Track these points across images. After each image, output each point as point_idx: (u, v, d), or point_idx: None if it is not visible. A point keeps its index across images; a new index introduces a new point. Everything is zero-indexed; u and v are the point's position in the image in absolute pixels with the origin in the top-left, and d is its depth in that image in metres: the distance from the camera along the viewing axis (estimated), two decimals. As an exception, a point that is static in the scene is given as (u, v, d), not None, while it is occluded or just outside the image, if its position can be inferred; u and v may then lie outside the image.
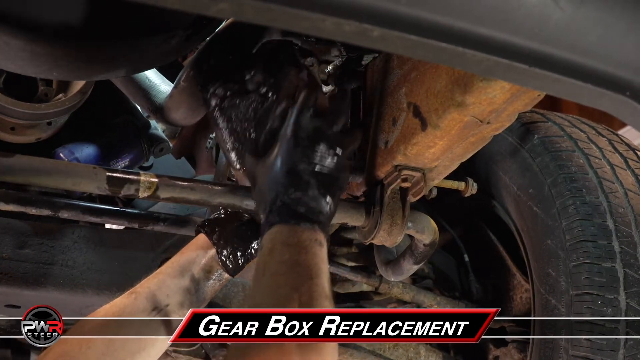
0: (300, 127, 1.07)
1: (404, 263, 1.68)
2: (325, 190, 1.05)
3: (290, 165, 1.05)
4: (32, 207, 1.52)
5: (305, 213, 1.01)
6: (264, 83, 1.33)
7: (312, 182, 1.04)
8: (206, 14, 0.72)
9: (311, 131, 1.08)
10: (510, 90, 1.14)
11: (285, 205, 1.01)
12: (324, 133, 1.09)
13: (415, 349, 2.13)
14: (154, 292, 1.19)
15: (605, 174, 1.70)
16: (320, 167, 1.06)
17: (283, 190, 1.03)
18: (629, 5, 0.80)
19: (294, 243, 0.97)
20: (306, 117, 1.09)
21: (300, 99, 1.10)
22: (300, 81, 1.23)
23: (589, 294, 1.54)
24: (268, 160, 1.10)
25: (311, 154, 1.06)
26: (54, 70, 1.28)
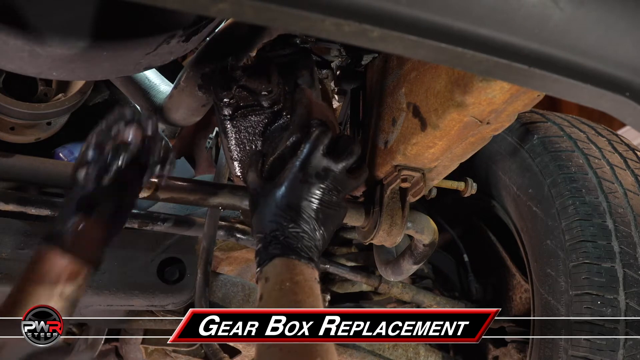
0: (310, 164, 1.10)
1: (403, 263, 1.68)
2: (325, 229, 1.10)
3: (294, 200, 1.08)
4: (31, 207, 1.52)
5: (305, 250, 1.06)
6: (279, 102, 1.34)
7: (313, 221, 1.08)
8: (206, 14, 0.72)
9: (321, 170, 1.11)
10: (510, 90, 1.14)
11: (287, 239, 1.06)
12: (332, 172, 1.12)
13: (415, 349, 2.13)
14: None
15: (604, 174, 1.70)
16: (323, 206, 1.10)
17: (285, 224, 1.07)
18: (629, 5, 0.80)
19: (301, 282, 1.02)
20: (317, 155, 1.11)
21: (314, 135, 1.13)
22: (316, 110, 1.24)
23: (589, 294, 1.54)
24: (273, 187, 1.12)
25: (316, 192, 1.10)
26: (53, 70, 1.28)
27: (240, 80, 1.33)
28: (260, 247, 1.08)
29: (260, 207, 1.12)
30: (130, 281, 1.75)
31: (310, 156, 1.11)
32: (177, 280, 1.79)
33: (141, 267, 1.76)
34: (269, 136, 1.32)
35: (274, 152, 1.17)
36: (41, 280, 1.11)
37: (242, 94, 1.34)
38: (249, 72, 1.35)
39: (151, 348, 2.26)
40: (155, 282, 1.77)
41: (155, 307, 1.83)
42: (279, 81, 1.35)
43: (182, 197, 1.38)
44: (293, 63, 1.41)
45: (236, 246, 2.00)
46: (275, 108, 1.33)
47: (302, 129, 1.15)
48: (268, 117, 1.35)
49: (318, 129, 1.13)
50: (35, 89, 1.86)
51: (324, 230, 1.10)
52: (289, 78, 1.39)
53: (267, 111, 1.34)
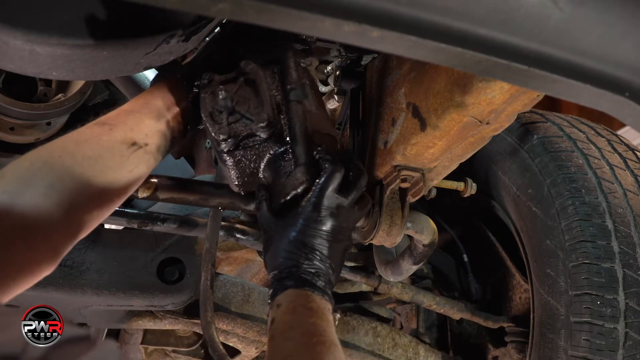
0: (323, 204, 1.14)
1: (403, 263, 1.68)
2: (337, 264, 1.14)
3: (309, 238, 1.12)
4: (31, 207, 1.52)
5: (319, 284, 1.10)
6: (275, 125, 1.26)
7: (326, 258, 1.12)
8: (206, 14, 0.72)
9: (334, 208, 1.14)
10: (510, 90, 1.14)
11: (302, 275, 1.10)
12: (344, 208, 1.16)
13: (415, 349, 2.13)
14: (132, 128, 1.16)
15: (604, 174, 1.70)
16: (336, 243, 1.14)
17: (300, 261, 1.11)
18: (628, 5, 0.80)
19: (315, 308, 1.06)
20: (330, 194, 1.14)
21: (326, 176, 1.15)
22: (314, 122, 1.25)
23: (588, 294, 1.54)
24: (287, 225, 1.15)
25: (330, 230, 1.13)
26: (53, 70, 1.28)
27: (228, 107, 1.25)
28: (274, 281, 1.11)
29: (275, 244, 1.15)
30: (130, 281, 1.75)
31: (324, 196, 1.14)
32: (176, 281, 1.79)
33: (141, 267, 1.76)
34: (271, 164, 1.27)
35: (283, 188, 1.19)
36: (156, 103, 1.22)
37: (236, 125, 1.25)
38: (233, 90, 1.26)
39: (151, 348, 2.26)
40: (155, 282, 1.77)
41: (155, 308, 1.83)
42: (272, 101, 1.27)
43: (182, 197, 1.38)
44: (280, 75, 1.32)
45: (236, 246, 2.00)
46: (273, 133, 1.26)
47: (310, 167, 1.17)
48: (268, 144, 1.28)
49: (330, 168, 1.15)
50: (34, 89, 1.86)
51: (336, 265, 1.14)
52: (277, 90, 1.30)
53: (267, 141, 1.27)
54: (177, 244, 1.80)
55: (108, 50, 1.24)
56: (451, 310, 2.09)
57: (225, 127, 1.24)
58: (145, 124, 1.18)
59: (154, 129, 1.19)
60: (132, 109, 1.19)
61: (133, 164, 1.14)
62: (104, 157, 1.09)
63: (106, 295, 1.73)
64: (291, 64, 1.29)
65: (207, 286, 1.59)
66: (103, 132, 1.12)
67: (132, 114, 1.18)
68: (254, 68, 1.27)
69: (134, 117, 1.18)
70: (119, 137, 1.12)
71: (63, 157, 1.04)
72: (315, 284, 1.09)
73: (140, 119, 1.18)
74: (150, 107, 1.22)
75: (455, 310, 2.09)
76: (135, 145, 1.14)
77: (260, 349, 2.07)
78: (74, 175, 1.03)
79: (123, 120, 1.16)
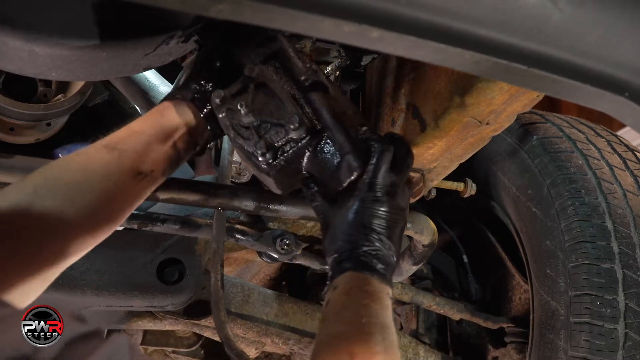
0: (378, 182, 1.11)
1: (403, 264, 1.68)
2: (394, 245, 1.11)
3: (367, 219, 1.09)
4: (31, 208, 1.52)
5: (378, 267, 1.07)
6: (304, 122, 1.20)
7: (385, 238, 1.09)
8: (205, 14, 0.72)
9: (389, 187, 1.12)
10: (509, 91, 1.15)
11: (360, 257, 1.07)
12: (398, 187, 1.13)
13: (415, 349, 2.13)
14: (140, 154, 1.14)
15: (604, 174, 1.71)
16: (393, 222, 1.11)
17: (360, 243, 1.08)
18: (628, 6, 0.80)
19: (371, 291, 1.03)
20: (384, 172, 1.12)
21: (378, 154, 1.13)
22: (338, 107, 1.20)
23: (588, 295, 1.54)
24: (344, 208, 1.13)
25: (387, 209, 1.10)
26: (52, 70, 1.28)
27: (253, 120, 1.19)
28: (333, 264, 1.09)
29: (333, 228, 1.14)
30: (129, 282, 1.75)
31: (378, 175, 1.11)
32: (176, 281, 1.78)
33: (141, 268, 1.76)
34: (314, 159, 1.21)
35: (336, 178, 1.17)
36: (164, 125, 1.18)
37: (269, 134, 1.20)
38: (249, 100, 1.20)
39: (151, 349, 2.26)
40: (155, 282, 1.76)
41: (155, 308, 1.83)
42: (289, 97, 1.21)
43: (182, 197, 1.37)
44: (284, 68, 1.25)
45: (236, 247, 2.00)
46: (307, 129, 1.20)
47: (357, 151, 1.14)
48: (305, 142, 1.21)
49: (379, 147, 1.13)
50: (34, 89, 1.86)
51: (396, 248, 1.11)
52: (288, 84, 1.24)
53: (303, 139, 1.20)
54: (177, 245, 1.79)
55: (107, 51, 1.24)
56: (451, 310, 2.09)
57: (260, 141, 1.19)
58: (153, 149, 1.16)
59: (161, 153, 1.17)
60: (141, 131, 1.17)
61: (137, 194, 1.14)
62: (110, 190, 1.09)
63: (106, 296, 1.73)
64: (292, 53, 1.23)
65: (218, 286, 1.60)
66: (112, 160, 1.11)
67: (141, 137, 1.16)
68: (260, 70, 1.22)
69: (143, 142, 1.16)
70: (126, 167, 1.11)
71: (69, 184, 1.05)
72: (375, 266, 1.06)
73: (148, 142, 1.16)
74: (158, 129, 1.19)
75: (455, 311, 2.09)
76: (141, 175, 1.13)
77: (260, 350, 2.07)
78: (75, 202, 1.04)
79: (132, 145, 1.15)
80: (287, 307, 1.99)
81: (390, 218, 1.10)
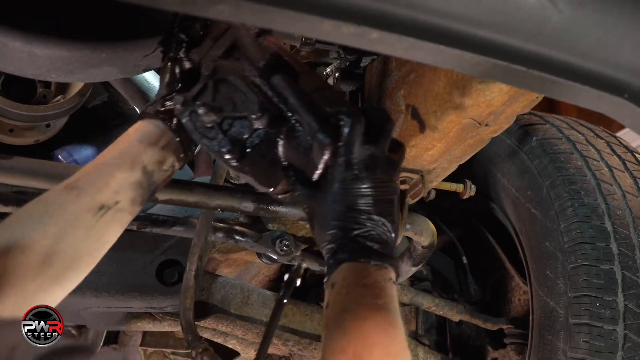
0: (354, 159, 1.03)
1: (402, 265, 1.68)
2: (388, 220, 1.04)
3: (351, 200, 1.02)
4: (30, 209, 1.52)
5: (374, 249, 1.00)
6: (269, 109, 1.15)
7: (374, 216, 1.02)
8: (204, 15, 0.72)
9: (367, 160, 1.03)
10: (509, 92, 1.15)
11: (352, 243, 1.00)
12: (379, 158, 1.04)
13: (414, 350, 2.13)
14: (100, 188, 1.08)
15: (603, 176, 1.71)
16: (382, 197, 1.03)
17: (349, 227, 1.01)
18: (628, 7, 0.80)
19: (370, 284, 0.97)
20: (358, 146, 1.03)
21: (348, 128, 1.03)
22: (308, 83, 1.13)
23: (588, 296, 1.54)
24: (325, 194, 1.05)
25: (371, 185, 1.03)
26: (52, 72, 1.28)
27: (215, 118, 1.15)
28: (327, 257, 1.02)
29: (318, 218, 1.07)
30: (129, 283, 1.75)
31: (352, 151, 1.02)
32: (176, 282, 1.79)
33: (140, 269, 1.76)
34: (288, 146, 1.15)
35: (311, 162, 1.08)
36: (128, 150, 1.13)
37: (233, 130, 1.15)
38: (210, 98, 1.16)
39: (150, 350, 2.26)
40: (154, 284, 1.76)
41: (154, 309, 1.83)
42: (252, 86, 1.15)
43: (181, 198, 1.38)
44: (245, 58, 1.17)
45: (235, 248, 2.00)
46: (272, 116, 1.14)
47: (326, 128, 1.05)
48: (273, 130, 1.15)
49: (348, 120, 1.03)
50: (34, 91, 1.86)
51: (390, 221, 1.04)
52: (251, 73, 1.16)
53: (271, 127, 1.15)
54: (177, 246, 1.80)
55: (107, 53, 1.24)
56: (450, 312, 2.09)
57: (224, 139, 1.15)
58: (116, 179, 1.10)
59: (126, 182, 1.11)
60: (104, 162, 1.12)
61: (101, 230, 1.08)
62: (69, 232, 1.04)
63: (105, 297, 1.73)
64: (247, 40, 1.16)
65: (191, 276, 1.64)
66: (70, 200, 1.06)
67: (103, 169, 1.11)
68: (216, 66, 1.17)
69: (104, 174, 1.10)
70: (85, 205, 1.06)
71: (26, 232, 1.02)
72: (371, 248, 0.99)
73: (111, 174, 1.10)
74: (123, 156, 1.13)
75: (455, 312, 2.09)
76: (103, 209, 1.08)
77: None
78: (32, 250, 1.01)
79: (92, 180, 1.09)
80: (287, 308, 1.99)
81: (375, 193, 1.03)
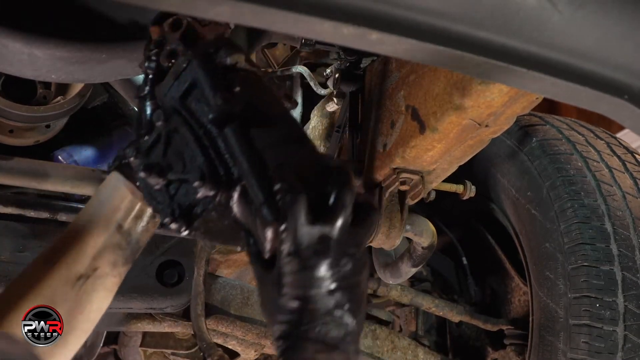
0: (301, 245, 0.84)
1: (402, 266, 1.68)
2: (348, 309, 0.86)
3: (301, 293, 0.84)
4: (30, 210, 1.52)
5: (330, 345, 0.85)
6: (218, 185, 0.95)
7: (334, 309, 0.85)
8: (204, 16, 0.72)
9: (316, 244, 0.84)
10: (509, 93, 1.15)
11: (303, 342, 0.84)
12: (332, 239, 0.85)
13: (414, 351, 2.13)
14: (74, 259, 1.03)
15: (603, 176, 1.71)
16: (340, 284, 0.85)
17: (298, 324, 0.85)
18: (627, 8, 0.80)
19: None
20: (303, 229, 0.84)
21: (290, 210, 0.84)
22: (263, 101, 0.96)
23: (587, 297, 1.54)
24: (272, 279, 0.87)
25: (324, 273, 0.84)
26: (52, 72, 1.28)
27: (161, 181, 0.99)
28: (278, 354, 0.87)
29: (268, 301, 0.90)
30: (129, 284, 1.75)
31: (297, 237, 0.84)
32: (175, 283, 1.78)
33: (140, 270, 1.76)
34: (242, 209, 0.92)
35: (259, 238, 0.89)
36: (99, 212, 1.05)
37: (178, 195, 0.98)
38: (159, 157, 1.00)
39: (150, 351, 2.26)
40: (154, 284, 1.76)
41: (154, 310, 1.83)
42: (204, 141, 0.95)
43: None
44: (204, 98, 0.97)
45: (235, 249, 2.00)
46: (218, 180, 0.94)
47: (272, 204, 0.86)
48: (223, 194, 0.95)
49: (288, 199, 0.84)
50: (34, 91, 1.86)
51: (352, 311, 0.86)
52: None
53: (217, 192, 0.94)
54: (177, 247, 1.79)
55: (107, 53, 1.24)
56: (450, 312, 2.09)
57: (170, 204, 0.97)
58: (91, 245, 1.04)
59: (102, 246, 1.05)
60: (77, 228, 1.07)
61: (84, 301, 1.04)
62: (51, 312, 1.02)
63: (105, 298, 1.73)
64: (206, 82, 0.96)
65: (200, 281, 1.63)
66: (47, 275, 1.03)
67: (77, 236, 1.06)
68: (166, 114, 1.00)
69: (78, 241, 1.05)
70: (63, 278, 1.02)
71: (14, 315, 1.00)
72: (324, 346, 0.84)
73: (84, 241, 1.04)
74: (95, 218, 1.06)
75: (455, 313, 2.09)
76: (81, 279, 1.03)
77: (259, 351, 2.07)
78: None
79: (67, 250, 1.05)
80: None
81: (331, 283, 0.84)
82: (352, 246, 0.86)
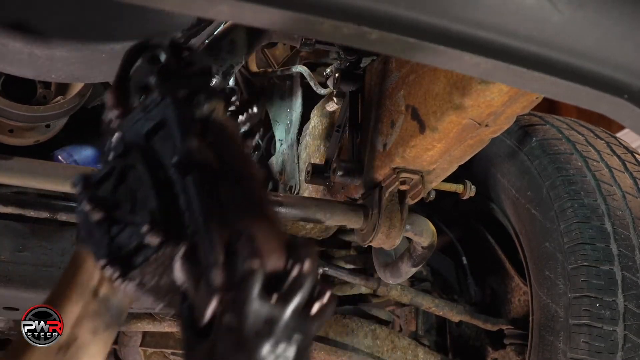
0: (246, 321, 0.78)
1: (402, 265, 1.68)
2: None
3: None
4: (30, 210, 1.52)
5: None
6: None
7: None
8: (204, 16, 0.72)
9: (261, 324, 0.79)
10: (509, 93, 1.15)
11: None
12: (279, 323, 0.80)
13: (414, 351, 2.13)
14: None
15: (603, 176, 1.71)
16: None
17: None
18: (627, 8, 0.80)
19: None
20: (255, 303, 0.78)
21: (241, 283, 0.78)
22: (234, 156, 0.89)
23: (587, 297, 1.54)
24: (206, 348, 0.81)
25: (261, 356, 0.79)
26: (52, 72, 1.28)
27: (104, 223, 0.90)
28: None
29: None
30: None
31: (244, 310, 0.78)
32: (175, 283, 1.78)
33: (140, 270, 1.76)
34: (186, 269, 0.82)
35: (202, 302, 0.81)
36: (73, 280, 1.00)
37: (120, 237, 0.90)
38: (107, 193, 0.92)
39: (150, 351, 2.26)
40: (154, 284, 1.76)
41: (154, 310, 1.83)
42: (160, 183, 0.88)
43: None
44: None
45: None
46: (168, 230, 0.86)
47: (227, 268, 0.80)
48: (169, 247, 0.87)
49: (244, 268, 0.78)
50: (34, 91, 1.86)
51: None
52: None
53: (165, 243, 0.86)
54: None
55: (107, 53, 1.24)
56: (450, 312, 2.09)
57: (104, 248, 0.89)
58: (67, 315, 0.99)
59: (80, 315, 1.00)
60: (52, 298, 1.02)
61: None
62: None
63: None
64: (174, 122, 0.89)
65: None
66: (28, 349, 1.00)
67: (55, 308, 1.01)
68: (126, 148, 0.92)
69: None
70: (43, 351, 0.99)
71: None
72: None
73: (61, 311, 1.00)
74: (70, 285, 1.01)
75: (455, 313, 2.09)
76: (61, 350, 0.99)
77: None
78: None
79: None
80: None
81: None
82: (299, 332, 0.81)
